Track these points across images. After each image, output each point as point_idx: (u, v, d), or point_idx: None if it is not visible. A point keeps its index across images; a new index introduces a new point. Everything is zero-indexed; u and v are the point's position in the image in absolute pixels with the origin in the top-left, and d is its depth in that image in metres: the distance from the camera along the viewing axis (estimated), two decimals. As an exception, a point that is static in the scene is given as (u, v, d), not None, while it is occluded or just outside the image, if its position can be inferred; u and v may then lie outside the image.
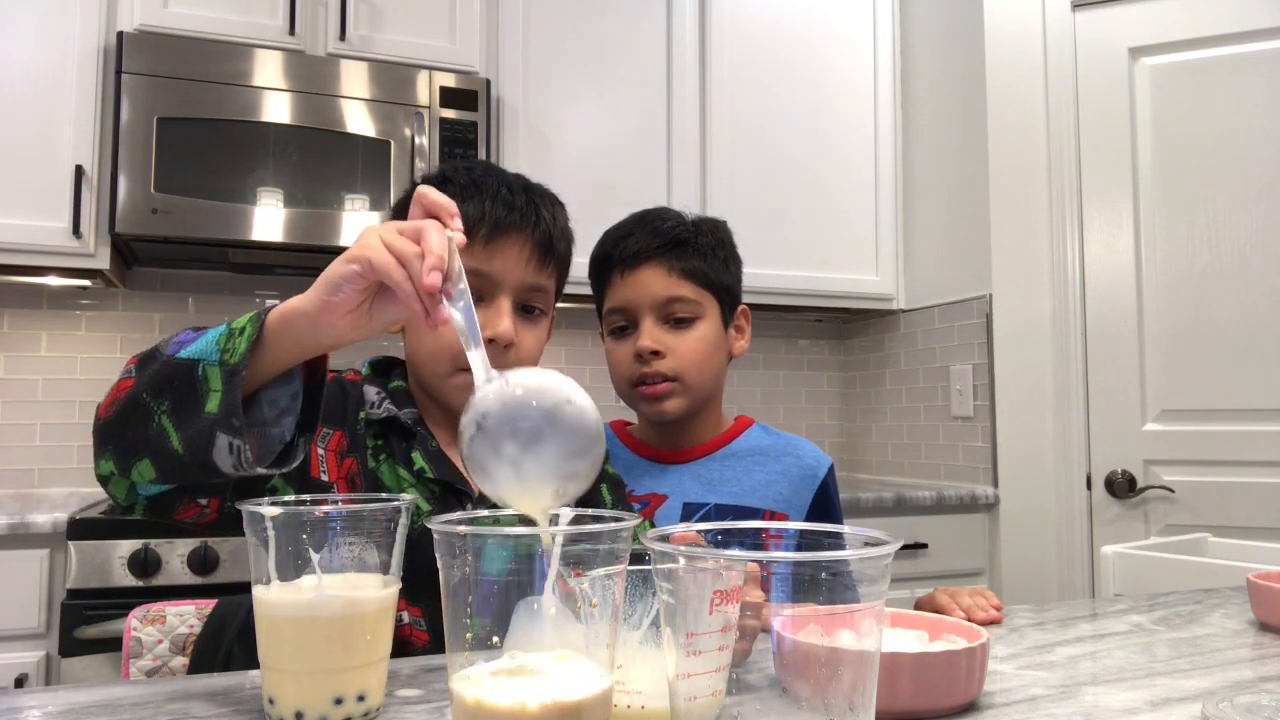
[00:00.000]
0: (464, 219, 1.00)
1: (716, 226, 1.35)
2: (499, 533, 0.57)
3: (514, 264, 1.04)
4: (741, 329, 1.37)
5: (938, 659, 0.72)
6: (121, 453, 0.77)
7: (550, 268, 1.08)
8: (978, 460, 2.58)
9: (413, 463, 1.03)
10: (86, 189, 2.11)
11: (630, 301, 1.28)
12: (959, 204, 2.66)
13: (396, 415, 1.05)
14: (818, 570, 0.50)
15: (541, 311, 1.09)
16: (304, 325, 0.74)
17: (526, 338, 1.06)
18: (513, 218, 1.03)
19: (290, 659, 0.67)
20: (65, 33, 2.13)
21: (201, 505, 0.85)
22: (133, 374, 0.78)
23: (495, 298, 1.03)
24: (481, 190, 1.04)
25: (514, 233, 1.04)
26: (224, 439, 0.72)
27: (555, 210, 1.10)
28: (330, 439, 1.02)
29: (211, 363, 0.73)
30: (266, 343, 0.75)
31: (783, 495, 1.31)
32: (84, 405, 2.43)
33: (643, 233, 1.29)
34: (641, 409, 1.32)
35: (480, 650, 0.56)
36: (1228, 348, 2.32)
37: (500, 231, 1.03)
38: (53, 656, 1.82)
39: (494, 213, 1.03)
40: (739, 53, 2.72)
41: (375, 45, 2.36)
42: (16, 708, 0.72)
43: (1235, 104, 2.35)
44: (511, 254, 1.03)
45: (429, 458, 1.03)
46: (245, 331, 0.73)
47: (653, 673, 0.63)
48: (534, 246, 1.05)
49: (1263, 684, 0.80)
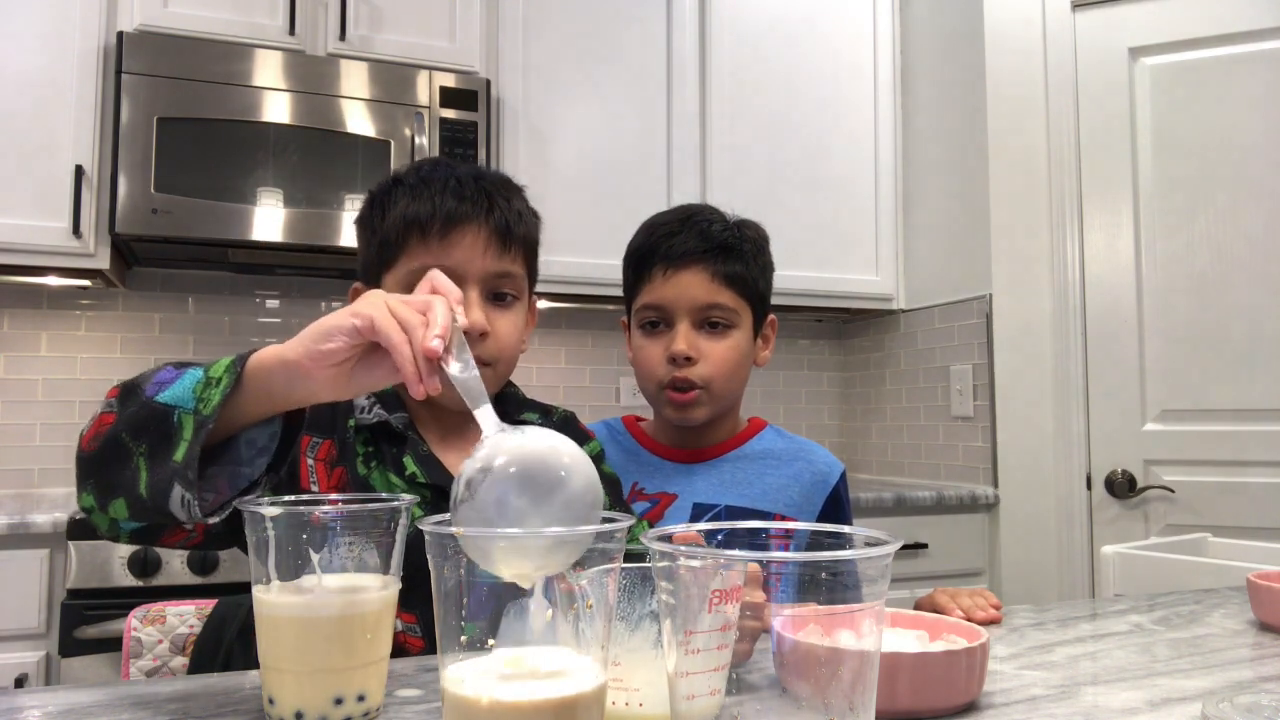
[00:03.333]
0: (416, 216, 1.01)
1: (758, 232, 1.35)
2: (491, 534, 0.57)
3: (473, 254, 1.03)
4: (768, 339, 1.37)
5: (938, 659, 0.72)
6: (100, 489, 0.76)
7: (513, 252, 1.06)
8: (978, 460, 2.58)
9: (404, 468, 1.02)
10: (86, 189, 2.11)
11: (669, 301, 1.26)
12: (959, 204, 2.66)
13: (388, 420, 1.05)
14: (818, 570, 0.50)
15: (514, 297, 1.08)
16: (282, 376, 0.72)
17: (501, 325, 1.05)
18: (464, 208, 1.03)
19: (290, 659, 0.67)
20: (65, 33, 2.13)
21: (187, 530, 0.84)
22: (114, 408, 0.77)
23: (461, 291, 1.03)
24: (430, 185, 1.04)
25: (468, 223, 1.03)
26: (178, 490, 0.71)
27: (511, 195, 1.08)
28: (320, 448, 1.01)
29: (187, 410, 0.72)
30: (241, 393, 0.73)
31: (794, 500, 1.30)
32: (84, 405, 2.43)
33: (690, 233, 1.26)
34: (667, 413, 1.30)
35: (472, 650, 0.56)
36: (1228, 348, 2.32)
37: (454, 224, 1.02)
38: (53, 656, 1.82)
39: (445, 206, 1.02)
40: (739, 53, 2.72)
41: (375, 45, 2.36)
42: (16, 708, 0.72)
43: (1235, 104, 2.35)
44: (469, 245, 1.03)
45: (420, 462, 1.03)
46: (221, 382, 0.72)
47: (651, 672, 0.63)
48: (491, 234, 1.03)
49: (1263, 684, 0.80)
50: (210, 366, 0.74)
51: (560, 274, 2.48)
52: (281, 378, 0.72)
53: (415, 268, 1.01)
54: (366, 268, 1.09)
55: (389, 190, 1.06)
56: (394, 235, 1.03)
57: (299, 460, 1.00)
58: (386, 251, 1.04)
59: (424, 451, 1.04)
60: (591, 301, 2.60)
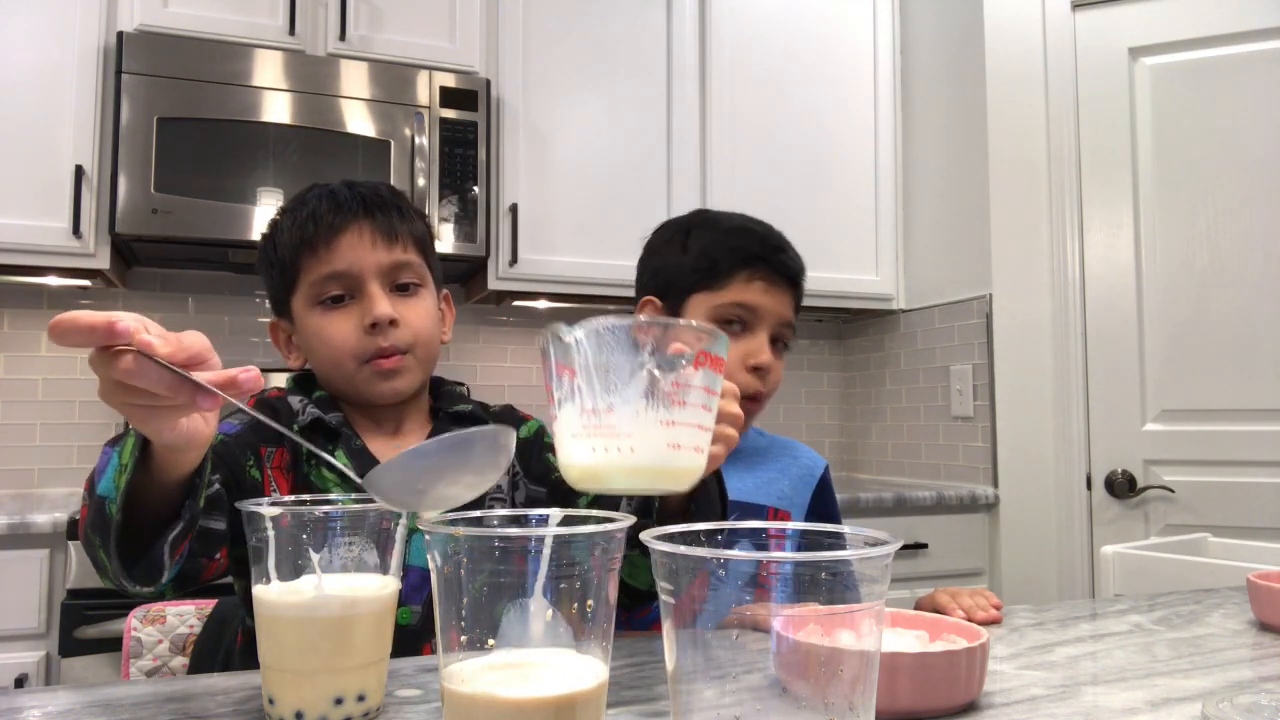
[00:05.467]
0: (303, 236, 1.06)
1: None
2: (492, 533, 0.57)
3: (362, 252, 1.07)
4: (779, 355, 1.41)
5: (938, 659, 0.72)
6: (111, 579, 0.78)
7: (402, 243, 1.09)
8: (978, 460, 2.58)
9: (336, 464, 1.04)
10: (86, 189, 2.11)
11: (762, 310, 1.24)
12: (959, 204, 2.66)
13: (321, 418, 1.07)
14: (818, 570, 0.50)
15: (417, 285, 1.11)
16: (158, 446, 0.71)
17: (409, 312, 1.09)
18: (343, 215, 1.07)
19: (290, 659, 0.67)
20: (65, 33, 2.13)
21: (216, 559, 0.88)
22: (85, 500, 0.77)
23: (364, 288, 1.07)
24: (308, 204, 1.09)
25: (350, 225, 1.07)
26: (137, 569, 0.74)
27: (389, 196, 1.12)
28: (274, 456, 1.05)
29: (112, 500, 0.72)
30: (150, 463, 0.72)
31: (784, 493, 1.33)
32: (84, 405, 2.43)
33: (792, 254, 1.28)
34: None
35: (472, 650, 0.56)
36: (1228, 348, 2.32)
37: (336, 230, 1.06)
38: (53, 656, 1.82)
39: (325, 218, 1.07)
40: (739, 53, 2.72)
41: (375, 45, 2.36)
42: (16, 708, 0.72)
43: (1235, 104, 2.35)
44: (355, 244, 1.07)
45: (352, 455, 1.06)
46: (127, 468, 0.71)
47: (644, 423, 0.62)
48: (374, 230, 1.07)
49: (1263, 684, 0.80)
50: (121, 449, 0.72)
51: (560, 274, 2.48)
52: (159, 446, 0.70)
53: (314, 280, 1.07)
54: (275, 301, 1.14)
55: (275, 224, 1.12)
56: (289, 259, 1.08)
57: (262, 472, 1.03)
58: (287, 276, 1.09)
59: (356, 445, 1.07)
60: (592, 301, 2.60)
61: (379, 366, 1.07)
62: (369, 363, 1.06)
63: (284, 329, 1.14)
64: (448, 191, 2.34)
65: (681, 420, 0.62)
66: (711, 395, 0.65)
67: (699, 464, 0.65)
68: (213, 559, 0.90)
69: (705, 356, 0.63)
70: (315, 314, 1.08)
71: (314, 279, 1.07)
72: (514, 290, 2.51)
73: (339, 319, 1.07)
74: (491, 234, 2.42)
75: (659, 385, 0.61)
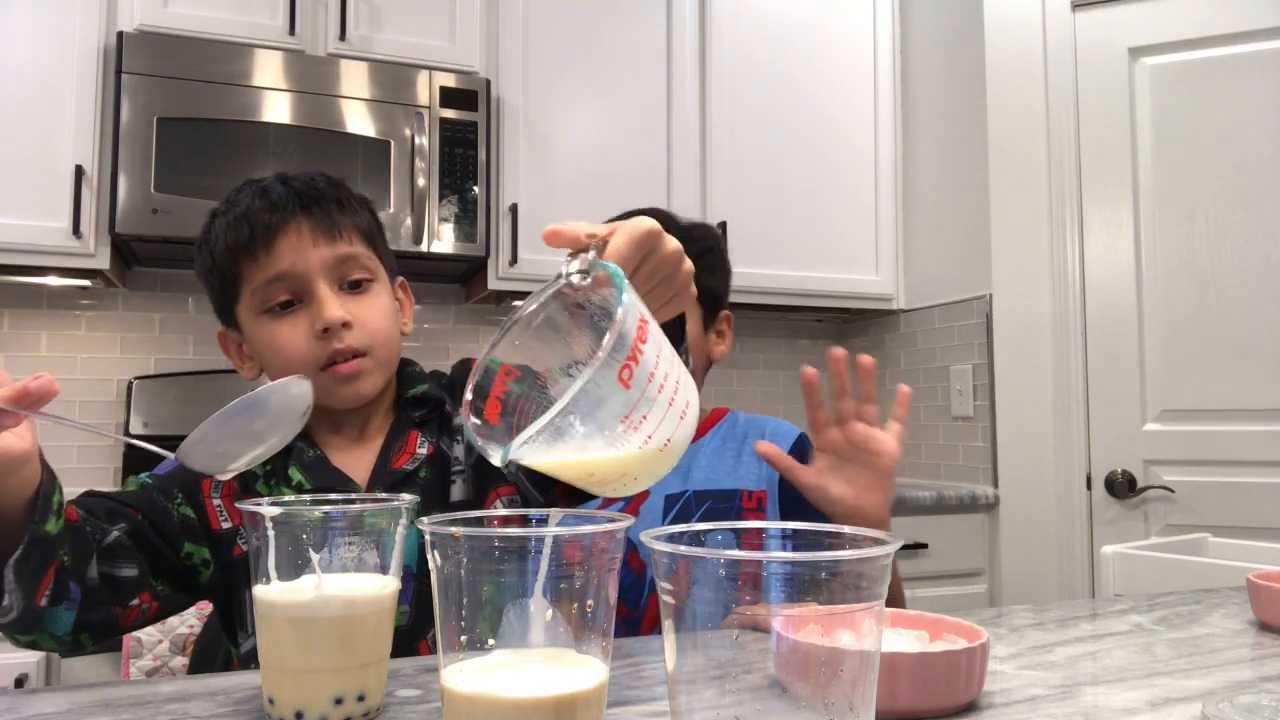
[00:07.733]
0: (238, 241, 1.00)
1: (706, 233, 1.38)
2: (492, 533, 0.57)
3: (302, 252, 0.99)
4: (723, 334, 1.39)
5: (937, 659, 0.72)
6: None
7: (346, 236, 1.02)
8: (978, 460, 2.58)
9: (290, 478, 1.01)
10: (86, 189, 2.11)
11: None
12: (959, 204, 2.66)
13: None
14: (817, 570, 0.50)
15: (368, 279, 1.04)
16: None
17: (363, 311, 1.02)
18: (278, 214, 1.00)
19: (290, 659, 0.67)
20: (65, 33, 2.13)
21: (133, 606, 0.88)
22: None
23: (311, 290, 1.00)
24: (238, 206, 1.01)
25: (286, 226, 1.00)
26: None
27: (326, 186, 1.05)
28: (223, 486, 1.00)
29: None
30: None
31: (754, 472, 1.34)
32: (84, 405, 2.43)
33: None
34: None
35: (472, 650, 0.56)
36: (1228, 348, 2.32)
37: (272, 231, 0.99)
38: (53, 656, 1.82)
39: (260, 220, 0.99)
40: (739, 53, 2.72)
41: (375, 45, 2.37)
42: (16, 708, 0.72)
43: (1235, 104, 2.35)
44: (295, 245, 0.99)
45: (306, 469, 1.01)
46: None
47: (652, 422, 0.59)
48: (313, 226, 1.00)
49: (1263, 684, 0.80)
50: None
51: (560, 274, 2.48)
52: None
53: (257, 286, 1.00)
54: (220, 309, 1.08)
55: (209, 229, 1.04)
56: (226, 266, 1.01)
57: (204, 506, 0.99)
58: (228, 284, 1.02)
59: (310, 457, 1.02)
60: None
61: (337, 372, 1.00)
62: (326, 369, 0.99)
63: (234, 339, 1.08)
64: (448, 191, 2.34)
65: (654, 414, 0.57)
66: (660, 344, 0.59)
67: (694, 415, 0.61)
68: (127, 606, 0.88)
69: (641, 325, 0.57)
70: (263, 322, 1.01)
71: (256, 285, 1.00)
72: (514, 290, 2.51)
73: (288, 326, 1.00)
74: (491, 234, 2.42)
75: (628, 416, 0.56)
